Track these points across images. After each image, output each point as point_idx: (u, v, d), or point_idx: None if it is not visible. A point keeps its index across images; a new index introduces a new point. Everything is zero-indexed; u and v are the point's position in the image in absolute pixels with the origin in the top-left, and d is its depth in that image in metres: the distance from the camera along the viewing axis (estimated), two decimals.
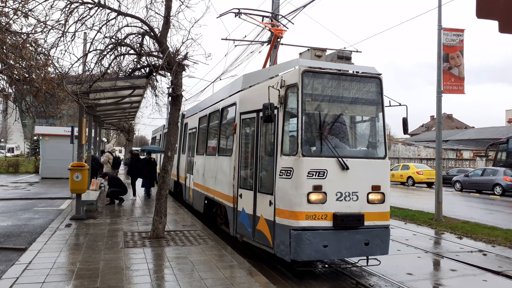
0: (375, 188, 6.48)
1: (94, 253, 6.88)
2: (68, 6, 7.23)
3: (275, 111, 6.47)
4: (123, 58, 8.31)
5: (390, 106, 7.02)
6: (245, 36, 15.14)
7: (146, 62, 8.30)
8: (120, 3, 7.72)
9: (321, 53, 7.28)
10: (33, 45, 7.20)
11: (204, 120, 11.25)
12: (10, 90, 8.22)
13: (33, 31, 7.08)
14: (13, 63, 6.85)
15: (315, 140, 6.41)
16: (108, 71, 8.17)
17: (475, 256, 8.49)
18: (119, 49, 8.01)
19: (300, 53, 7.63)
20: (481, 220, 12.91)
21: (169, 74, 8.18)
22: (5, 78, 7.26)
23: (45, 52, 7.37)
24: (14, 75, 6.96)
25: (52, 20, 7.23)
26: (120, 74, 8.70)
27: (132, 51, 8.19)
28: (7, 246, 7.72)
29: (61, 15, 7.20)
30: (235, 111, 8.23)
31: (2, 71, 6.87)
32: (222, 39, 15.23)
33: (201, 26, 20.69)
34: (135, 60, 8.41)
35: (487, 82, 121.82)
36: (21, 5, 6.86)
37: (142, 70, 8.63)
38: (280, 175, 6.36)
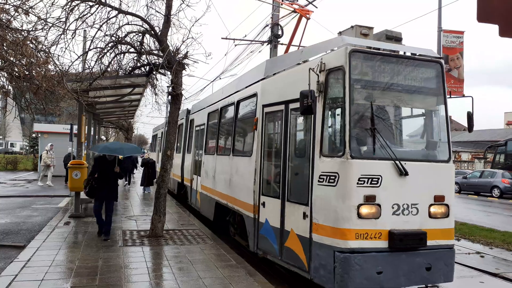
0: (438, 199, 5.31)
1: (92, 251, 6.88)
2: (69, 3, 7.24)
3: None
4: (123, 56, 8.33)
5: (450, 97, 5.88)
6: (245, 36, 15.14)
7: (146, 61, 8.32)
8: (120, 1, 7.72)
9: (367, 31, 5.96)
10: (34, 42, 7.20)
11: (214, 115, 10.11)
12: (9, 87, 8.21)
13: (33, 29, 7.08)
14: (13, 60, 6.84)
15: (366, 138, 5.20)
16: (108, 69, 8.18)
17: (473, 258, 8.52)
18: (119, 47, 8.02)
19: (340, 32, 6.30)
20: (479, 222, 12.94)
21: (169, 72, 8.19)
22: (5, 75, 7.26)
23: (46, 49, 7.36)
24: (14, 72, 6.96)
25: (52, 17, 7.25)
26: (120, 72, 8.71)
27: (132, 50, 8.21)
28: (6, 243, 7.72)
29: (61, 12, 7.22)
30: (256, 103, 7.09)
31: (3, 68, 6.87)
32: (222, 38, 15.25)
33: (202, 25, 20.69)
34: (135, 58, 8.43)
35: (486, 85, 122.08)
36: (22, 2, 6.85)
37: (142, 68, 8.64)
38: (319, 181, 5.20)
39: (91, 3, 7.39)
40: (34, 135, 40.40)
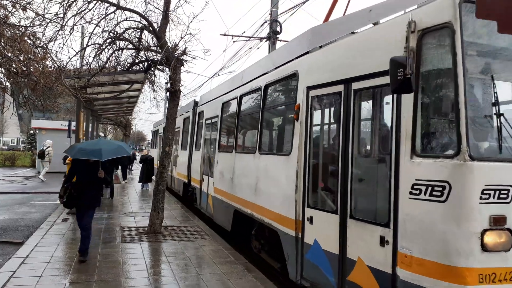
0: None
1: (91, 248, 6.87)
2: None
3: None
4: (122, 53, 8.31)
5: None
6: (244, 32, 15.16)
7: (145, 57, 8.31)
8: None
9: None
10: (31, 38, 7.18)
11: (231, 105, 8.61)
12: (7, 83, 8.20)
13: (31, 24, 7.07)
14: (11, 56, 6.83)
15: (487, 129, 3.61)
16: (106, 65, 8.16)
17: None
18: (117, 43, 8.00)
19: None
20: None
21: (167, 69, 8.18)
22: (3, 71, 7.24)
23: (43, 45, 7.35)
24: (12, 68, 6.94)
25: (50, 13, 7.24)
26: (118, 69, 8.69)
27: (130, 46, 8.19)
28: (4, 239, 7.72)
29: (59, 8, 7.20)
30: (296, 85, 5.52)
31: (0, 64, 6.85)
32: (220, 34, 15.29)
33: (200, 22, 20.66)
34: (134, 54, 8.42)
35: None
36: None
37: (140, 64, 8.63)
38: (413, 193, 3.61)
39: None
40: (32, 131, 40.34)
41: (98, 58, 7.90)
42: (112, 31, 7.75)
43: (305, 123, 5.19)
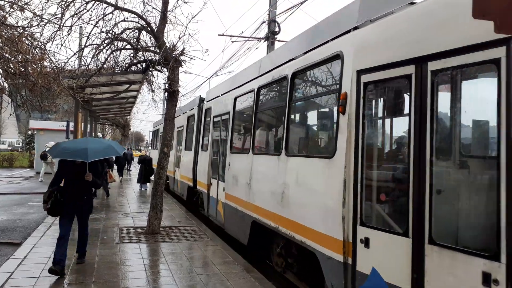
0: None
1: (89, 248, 6.85)
2: None
3: (503, 54, 2.77)
4: (120, 53, 8.34)
5: None
6: (242, 32, 15.17)
7: (143, 57, 8.32)
8: None
9: None
10: (29, 39, 7.17)
11: (246, 99, 7.52)
12: (5, 84, 8.18)
13: (29, 25, 7.06)
14: (9, 56, 6.82)
15: None
16: (105, 66, 8.17)
17: None
18: (115, 44, 8.02)
19: None
20: None
21: (165, 69, 8.19)
22: (1, 72, 7.23)
23: (41, 46, 7.34)
24: (10, 69, 6.93)
25: (48, 14, 7.24)
26: (117, 69, 8.70)
27: (128, 46, 8.20)
28: (2, 240, 7.71)
29: (57, 8, 7.21)
30: (341, 69, 4.41)
31: None
32: (219, 35, 15.28)
33: (198, 22, 20.70)
34: (132, 55, 8.43)
35: None
36: None
37: (139, 65, 8.65)
38: None
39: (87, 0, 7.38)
40: (30, 132, 40.30)
41: (96, 58, 7.93)
42: (110, 32, 7.78)
43: (355, 117, 4.07)
